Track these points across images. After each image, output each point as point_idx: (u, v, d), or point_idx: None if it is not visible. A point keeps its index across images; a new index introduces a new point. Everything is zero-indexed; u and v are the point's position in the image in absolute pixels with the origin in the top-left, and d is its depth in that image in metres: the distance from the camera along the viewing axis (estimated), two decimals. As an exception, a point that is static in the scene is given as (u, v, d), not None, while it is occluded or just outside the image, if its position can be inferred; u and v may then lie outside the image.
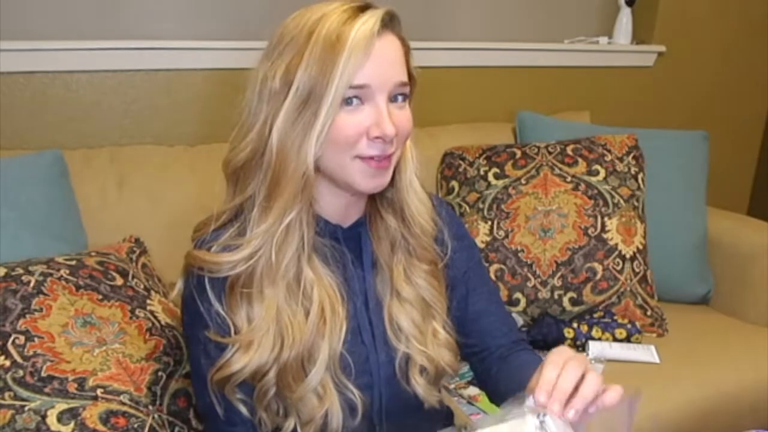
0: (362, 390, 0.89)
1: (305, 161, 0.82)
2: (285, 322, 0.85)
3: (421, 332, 0.93)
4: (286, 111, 0.81)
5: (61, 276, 1.10)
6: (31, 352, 1.00)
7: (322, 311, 0.87)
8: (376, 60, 0.80)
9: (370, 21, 0.80)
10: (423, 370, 0.93)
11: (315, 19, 0.81)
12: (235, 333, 0.85)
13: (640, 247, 1.70)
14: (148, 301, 1.17)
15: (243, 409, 0.88)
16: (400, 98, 0.85)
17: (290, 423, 0.88)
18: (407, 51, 0.87)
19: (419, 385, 0.93)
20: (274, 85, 0.82)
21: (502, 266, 1.66)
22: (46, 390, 0.97)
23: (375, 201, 0.94)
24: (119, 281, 1.16)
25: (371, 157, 0.83)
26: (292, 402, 0.86)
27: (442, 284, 0.97)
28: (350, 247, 0.93)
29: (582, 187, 1.72)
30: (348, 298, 0.90)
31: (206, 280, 0.86)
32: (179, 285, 0.91)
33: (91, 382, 1.00)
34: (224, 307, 0.86)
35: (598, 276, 1.65)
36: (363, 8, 0.82)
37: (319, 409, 0.86)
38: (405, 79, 0.85)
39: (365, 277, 0.94)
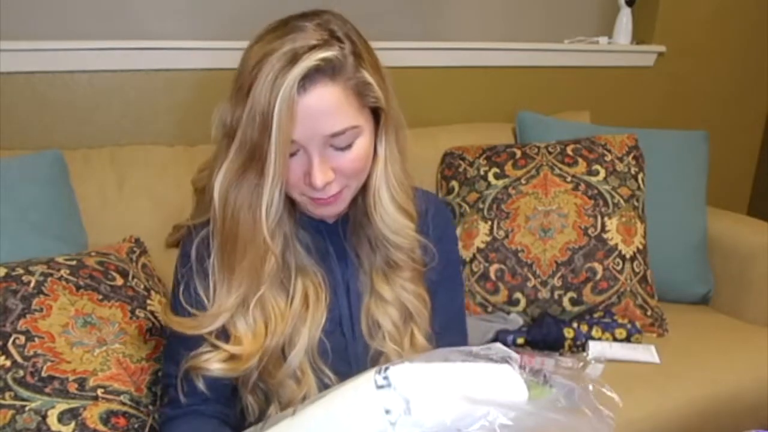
0: (340, 376, 0.90)
1: (261, 231, 0.82)
2: (269, 312, 0.87)
3: (399, 332, 0.94)
4: (228, 167, 0.82)
5: (62, 276, 1.10)
6: (31, 352, 1.00)
7: (306, 298, 0.89)
8: (301, 118, 0.78)
9: (290, 82, 0.76)
10: None
11: (255, 62, 0.79)
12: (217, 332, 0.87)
13: (640, 247, 1.70)
14: (148, 301, 1.17)
15: (200, 386, 0.89)
16: (340, 144, 0.82)
17: (272, 410, 0.89)
18: (355, 92, 0.82)
19: None
20: (223, 126, 0.84)
21: (502, 266, 1.66)
22: (47, 390, 0.97)
23: (356, 204, 0.93)
24: (119, 281, 1.16)
25: (314, 198, 0.85)
26: (272, 387, 0.88)
27: (424, 287, 0.97)
28: (334, 241, 0.95)
29: (582, 187, 1.71)
30: (330, 288, 0.92)
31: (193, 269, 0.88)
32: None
33: (91, 382, 1.00)
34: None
35: (598, 276, 1.65)
36: (296, 56, 0.77)
37: (298, 393, 0.88)
38: (341, 127, 0.81)
39: (348, 271, 0.95)
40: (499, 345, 0.64)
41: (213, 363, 0.86)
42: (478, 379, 0.59)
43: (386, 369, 0.53)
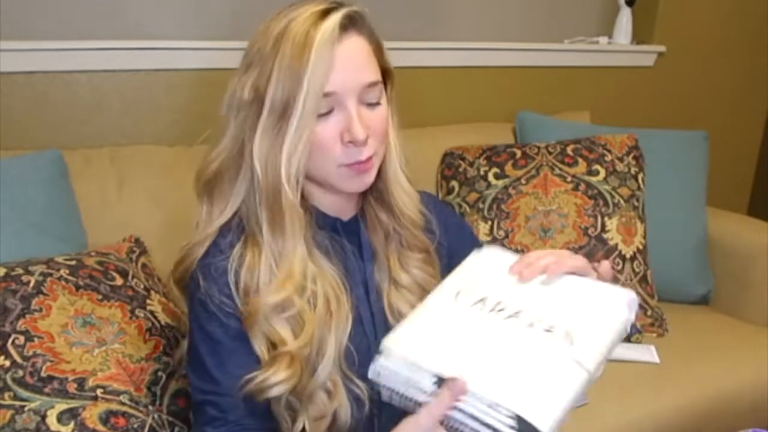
0: (364, 380, 0.89)
1: (294, 185, 0.83)
2: (297, 316, 0.86)
3: None
4: (263, 128, 0.82)
5: (61, 276, 1.10)
6: (30, 353, 1.00)
7: (328, 305, 0.87)
8: (340, 66, 0.81)
9: (328, 28, 0.80)
10: None
11: (280, 29, 0.81)
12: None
13: (640, 247, 1.70)
14: (148, 301, 1.17)
15: (241, 402, 0.87)
16: (372, 98, 0.85)
17: (300, 422, 0.87)
18: (377, 48, 0.86)
19: None
20: (243, 96, 0.83)
21: (502, 266, 1.65)
22: (46, 390, 0.97)
23: (367, 195, 0.95)
24: (119, 281, 1.16)
25: (352, 164, 0.84)
26: (302, 400, 0.86)
27: (437, 270, 0.98)
28: (350, 239, 0.94)
29: (582, 187, 1.71)
30: (350, 290, 0.91)
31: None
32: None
33: (90, 382, 1.00)
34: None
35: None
36: (326, 12, 0.81)
37: (330, 406, 0.86)
38: (374, 78, 0.85)
39: (365, 268, 0.95)
40: None
41: (275, 376, 0.83)
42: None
43: None
